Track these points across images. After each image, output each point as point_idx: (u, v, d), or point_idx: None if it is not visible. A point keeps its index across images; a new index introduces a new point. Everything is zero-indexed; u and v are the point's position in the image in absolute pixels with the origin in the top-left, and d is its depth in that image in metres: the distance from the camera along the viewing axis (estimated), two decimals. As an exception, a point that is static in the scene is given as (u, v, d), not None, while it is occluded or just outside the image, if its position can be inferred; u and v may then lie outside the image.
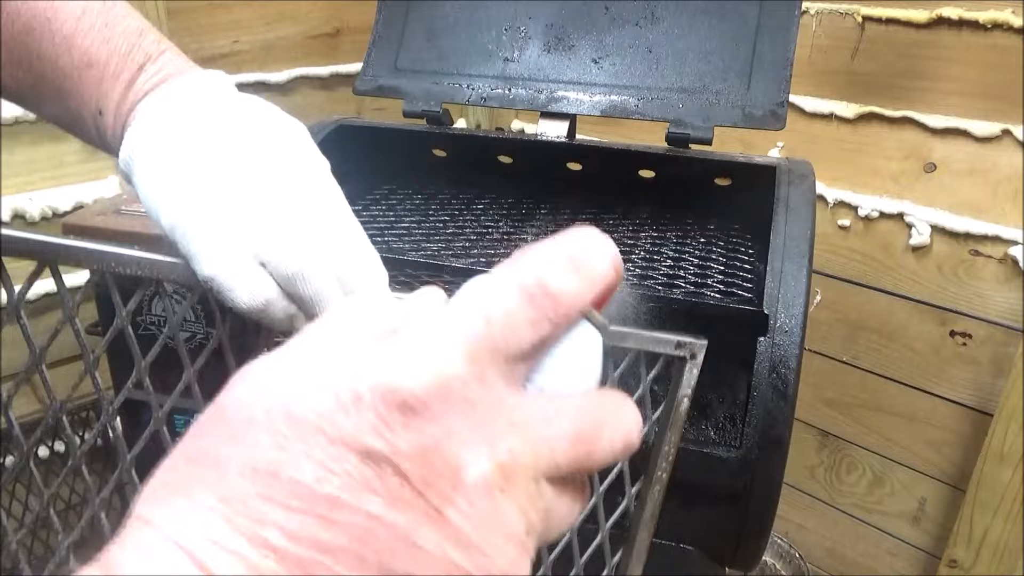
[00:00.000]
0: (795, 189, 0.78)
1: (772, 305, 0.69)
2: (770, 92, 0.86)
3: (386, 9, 1.02)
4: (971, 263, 1.26)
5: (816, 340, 1.46)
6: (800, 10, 0.88)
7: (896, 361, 1.38)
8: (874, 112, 1.29)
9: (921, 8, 1.20)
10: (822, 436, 1.53)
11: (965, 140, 1.21)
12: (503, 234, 0.93)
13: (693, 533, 0.75)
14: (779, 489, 0.69)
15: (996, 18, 1.14)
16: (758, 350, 0.68)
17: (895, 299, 1.35)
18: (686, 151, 0.88)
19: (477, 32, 0.98)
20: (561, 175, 1.08)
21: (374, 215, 0.98)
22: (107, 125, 0.44)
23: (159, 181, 0.40)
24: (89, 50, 0.43)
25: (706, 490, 0.70)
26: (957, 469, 1.36)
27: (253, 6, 1.45)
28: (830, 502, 1.56)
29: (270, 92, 1.51)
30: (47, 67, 0.44)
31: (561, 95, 0.94)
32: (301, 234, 0.38)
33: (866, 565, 1.53)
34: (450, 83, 0.98)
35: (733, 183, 0.98)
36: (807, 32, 1.32)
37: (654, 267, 0.84)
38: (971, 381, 1.30)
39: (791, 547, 1.55)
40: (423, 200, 1.05)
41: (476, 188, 1.09)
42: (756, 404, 0.67)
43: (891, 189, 1.31)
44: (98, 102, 0.44)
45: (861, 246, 1.37)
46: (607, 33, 0.94)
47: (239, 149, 0.40)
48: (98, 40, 0.43)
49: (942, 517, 1.40)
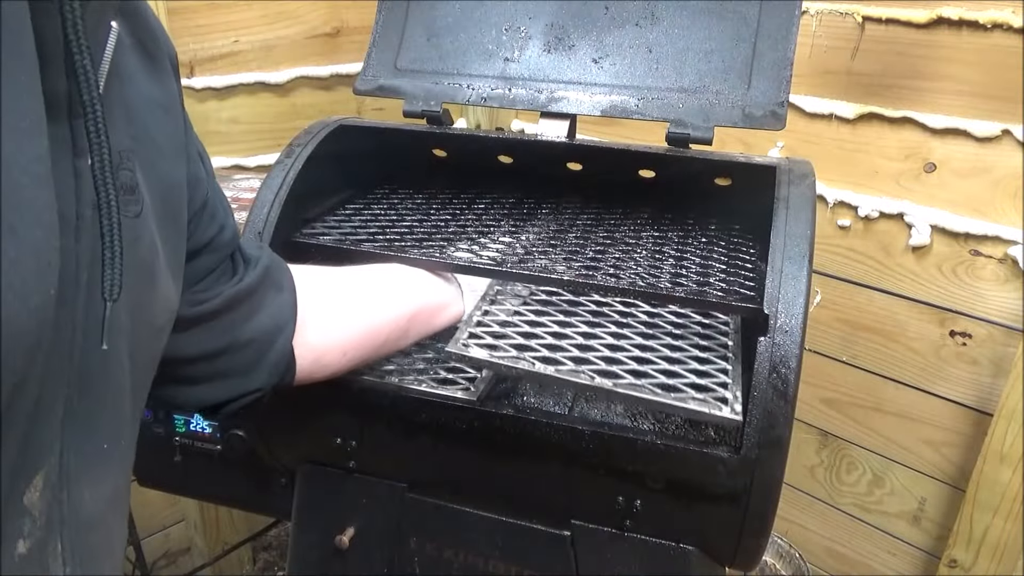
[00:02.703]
0: (795, 189, 0.78)
1: (772, 305, 0.69)
2: (770, 92, 0.86)
3: (386, 9, 1.02)
4: (971, 263, 1.26)
5: (816, 340, 1.46)
6: (800, 10, 0.87)
7: (896, 361, 1.38)
8: (874, 112, 1.29)
9: (921, 8, 1.20)
10: (822, 436, 1.53)
11: (965, 140, 1.21)
12: (504, 233, 0.93)
13: (693, 533, 0.75)
14: (779, 489, 0.69)
15: (996, 18, 1.14)
16: (758, 350, 0.68)
17: (895, 299, 1.35)
18: (686, 151, 0.88)
19: (477, 32, 0.98)
20: (561, 175, 1.08)
21: (374, 214, 0.99)
22: None
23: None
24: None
25: (706, 490, 0.70)
26: (957, 469, 1.36)
27: (253, 6, 1.45)
28: (830, 502, 1.56)
29: (270, 92, 1.51)
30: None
31: (561, 95, 0.94)
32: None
33: (866, 565, 1.53)
34: (450, 83, 0.97)
35: (733, 183, 0.98)
36: (807, 32, 1.32)
37: (656, 266, 0.84)
38: (971, 381, 1.30)
39: (791, 547, 1.55)
40: (423, 200, 1.05)
41: (476, 188, 1.09)
42: (756, 404, 0.67)
43: (891, 189, 1.31)
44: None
45: (861, 246, 1.37)
46: (607, 33, 0.94)
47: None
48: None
49: (942, 517, 1.40)
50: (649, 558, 0.76)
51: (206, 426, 1.03)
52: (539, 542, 0.80)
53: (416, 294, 0.80)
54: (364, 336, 0.75)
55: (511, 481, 0.80)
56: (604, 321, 0.81)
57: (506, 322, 0.80)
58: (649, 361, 0.72)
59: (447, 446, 0.79)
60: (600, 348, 0.74)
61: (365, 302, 0.76)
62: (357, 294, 0.76)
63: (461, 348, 0.73)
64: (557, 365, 0.71)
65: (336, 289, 0.75)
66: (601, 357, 0.73)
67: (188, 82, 1.39)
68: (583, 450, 0.72)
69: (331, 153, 0.93)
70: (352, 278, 0.78)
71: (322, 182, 0.95)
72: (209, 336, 0.60)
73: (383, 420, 0.81)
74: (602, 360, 0.72)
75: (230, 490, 1.09)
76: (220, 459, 1.04)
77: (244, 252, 0.65)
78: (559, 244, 0.90)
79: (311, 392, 0.82)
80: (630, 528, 0.76)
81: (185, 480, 1.10)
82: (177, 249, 0.52)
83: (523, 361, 0.71)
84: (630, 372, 0.70)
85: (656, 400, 0.66)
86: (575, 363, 0.71)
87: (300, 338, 0.68)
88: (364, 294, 0.77)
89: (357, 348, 0.74)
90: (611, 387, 0.68)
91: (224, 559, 1.65)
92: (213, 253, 0.61)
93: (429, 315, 0.81)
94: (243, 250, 0.65)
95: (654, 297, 0.78)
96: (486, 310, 0.82)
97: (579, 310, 0.84)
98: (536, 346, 0.74)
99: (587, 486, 0.76)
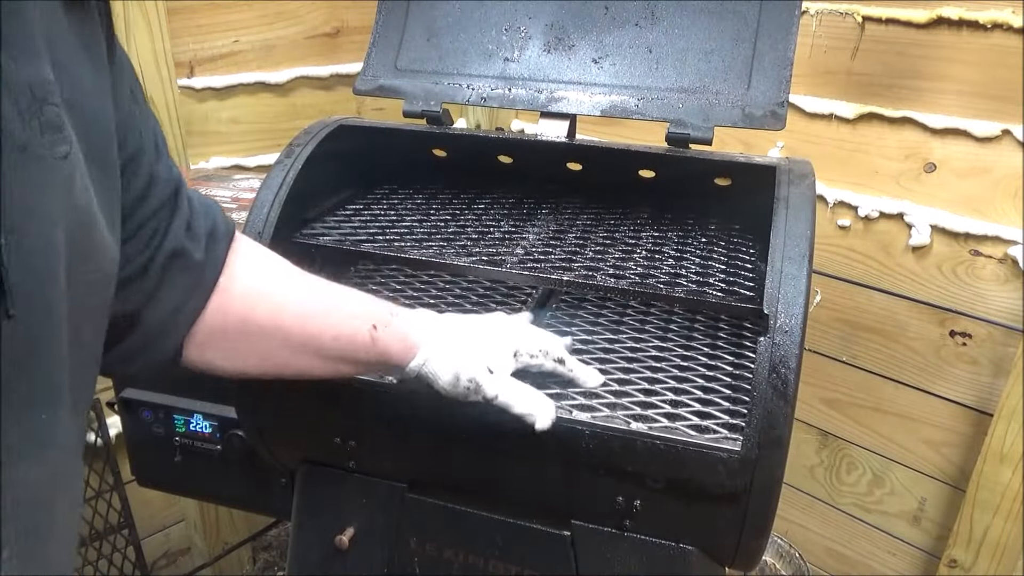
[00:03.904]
0: (795, 189, 0.78)
1: (772, 305, 0.69)
2: (770, 92, 0.86)
3: (386, 9, 1.02)
4: (971, 263, 1.26)
5: (816, 340, 1.46)
6: (800, 10, 0.87)
7: (896, 361, 1.38)
8: (874, 112, 1.29)
9: (921, 8, 1.20)
10: (822, 436, 1.53)
11: (965, 140, 1.21)
12: (504, 233, 0.93)
13: (693, 533, 0.75)
14: (779, 489, 0.69)
15: (996, 18, 1.14)
16: (758, 350, 0.68)
17: (895, 299, 1.35)
18: (686, 151, 0.88)
19: (477, 32, 0.98)
20: (561, 175, 1.08)
21: (374, 214, 0.98)
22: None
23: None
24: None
25: (706, 490, 0.70)
26: (957, 469, 1.36)
27: (253, 6, 1.45)
28: (830, 502, 1.56)
29: (270, 92, 1.51)
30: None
31: (561, 95, 0.94)
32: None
33: (866, 565, 1.53)
34: (450, 83, 0.97)
35: (733, 183, 0.98)
36: (807, 32, 1.32)
37: (656, 266, 0.84)
38: (971, 381, 1.30)
39: (791, 547, 1.55)
40: (423, 200, 1.05)
41: (476, 188, 1.09)
42: (756, 404, 0.67)
43: (891, 189, 1.31)
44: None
45: (861, 246, 1.37)
46: (607, 33, 0.94)
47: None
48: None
49: (942, 517, 1.40)
50: (649, 558, 0.76)
51: (206, 426, 1.03)
52: (539, 542, 0.80)
53: (377, 347, 0.68)
54: (270, 369, 0.67)
55: (511, 481, 0.80)
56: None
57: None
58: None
59: (447, 446, 0.79)
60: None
61: (303, 353, 0.67)
62: (299, 341, 0.66)
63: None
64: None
65: (269, 315, 0.65)
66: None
67: (188, 82, 1.39)
68: (583, 450, 0.72)
69: (331, 153, 0.93)
70: (304, 305, 0.68)
71: (322, 182, 0.95)
72: (133, 295, 0.55)
73: (383, 420, 0.81)
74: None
75: (230, 490, 1.09)
76: (220, 459, 1.04)
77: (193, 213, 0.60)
78: (559, 244, 0.90)
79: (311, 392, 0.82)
80: (630, 528, 0.76)
81: (185, 480, 1.10)
82: (111, 197, 0.48)
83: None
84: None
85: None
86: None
87: (193, 339, 0.62)
88: (308, 344, 0.67)
89: (258, 371, 0.68)
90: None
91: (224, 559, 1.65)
92: (148, 204, 0.55)
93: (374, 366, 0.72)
94: (192, 204, 0.60)
95: (654, 297, 0.78)
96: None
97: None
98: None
99: (587, 486, 0.75)
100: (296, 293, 0.68)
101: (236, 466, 1.05)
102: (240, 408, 0.89)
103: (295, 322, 0.66)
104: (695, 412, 0.73)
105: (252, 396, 0.86)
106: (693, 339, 0.87)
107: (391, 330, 0.68)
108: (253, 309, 0.64)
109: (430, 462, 0.83)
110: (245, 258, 0.65)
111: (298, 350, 0.66)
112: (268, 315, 0.65)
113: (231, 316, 0.63)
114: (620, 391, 0.77)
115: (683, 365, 0.81)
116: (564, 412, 0.72)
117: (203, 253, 0.60)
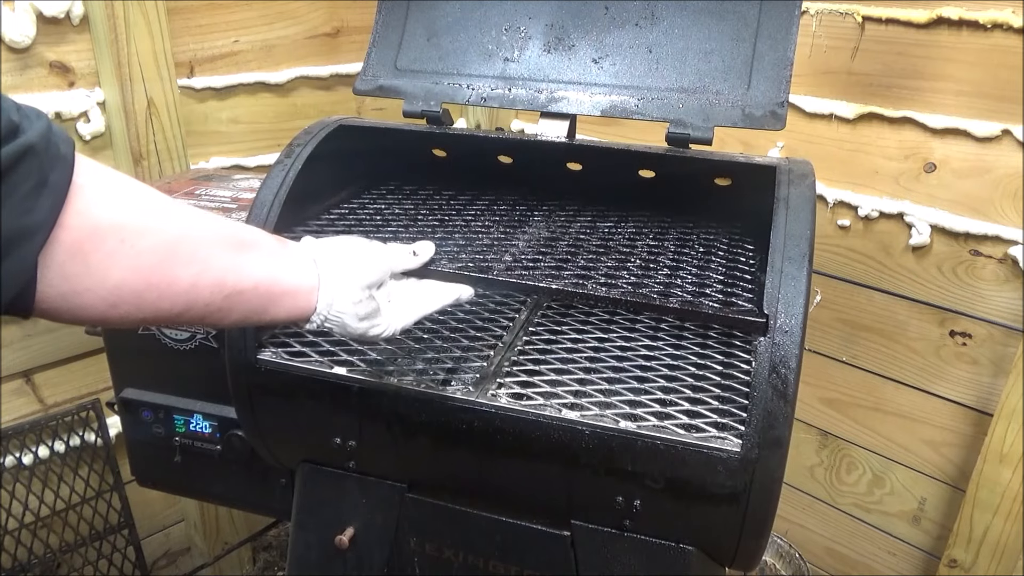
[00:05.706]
0: (795, 189, 0.78)
1: (772, 305, 0.69)
2: (770, 92, 0.86)
3: (386, 9, 1.02)
4: (971, 263, 1.26)
5: (816, 340, 1.46)
6: (800, 10, 0.87)
7: (896, 361, 1.38)
8: (874, 112, 1.29)
9: (921, 8, 1.20)
10: (822, 436, 1.53)
11: (965, 140, 1.21)
12: (504, 232, 0.93)
13: (693, 533, 0.75)
14: (779, 489, 0.69)
15: (996, 18, 1.14)
16: (758, 350, 0.68)
17: (895, 299, 1.35)
18: (686, 151, 0.88)
19: (477, 32, 0.98)
20: (561, 175, 1.08)
21: (374, 214, 0.98)
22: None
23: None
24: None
25: (706, 490, 0.70)
26: (957, 469, 1.36)
27: (253, 6, 1.45)
28: (830, 502, 1.56)
29: (270, 92, 1.51)
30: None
31: (561, 95, 0.94)
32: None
33: (866, 565, 1.53)
34: (450, 83, 0.97)
35: (733, 183, 0.98)
36: (807, 32, 1.32)
37: (649, 275, 0.84)
38: (971, 381, 1.30)
39: (791, 547, 1.55)
40: (423, 199, 1.05)
41: (476, 188, 1.09)
42: (756, 404, 0.67)
43: (891, 189, 1.31)
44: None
45: (861, 246, 1.37)
46: (607, 33, 0.94)
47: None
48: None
49: (942, 517, 1.40)
50: (649, 558, 0.76)
51: (206, 426, 1.03)
52: (539, 542, 0.80)
53: (254, 266, 0.61)
54: (152, 297, 0.55)
55: (511, 481, 0.80)
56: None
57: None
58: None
59: (447, 446, 0.79)
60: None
61: (171, 253, 0.55)
62: (164, 238, 0.55)
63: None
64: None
65: (134, 215, 0.54)
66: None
67: (188, 82, 1.39)
68: (583, 450, 0.72)
69: (331, 153, 0.93)
70: (166, 210, 0.56)
71: (322, 182, 0.95)
72: None
73: (383, 420, 0.81)
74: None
75: (230, 490, 1.09)
76: (220, 459, 1.04)
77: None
78: (549, 252, 0.90)
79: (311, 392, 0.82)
80: (630, 528, 0.76)
81: (185, 480, 1.10)
82: None
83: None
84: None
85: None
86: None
87: (54, 258, 0.49)
88: (175, 242, 0.56)
89: (135, 306, 0.54)
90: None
91: (224, 559, 1.65)
92: None
93: (265, 299, 0.62)
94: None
95: (646, 308, 0.76)
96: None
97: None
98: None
99: (587, 486, 0.75)
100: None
101: (236, 466, 1.05)
102: (240, 408, 0.89)
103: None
104: (685, 411, 0.73)
105: (252, 396, 0.86)
106: (683, 339, 0.87)
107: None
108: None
109: (430, 462, 0.83)
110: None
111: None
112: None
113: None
114: (609, 390, 0.76)
115: (673, 364, 0.81)
116: (555, 411, 0.73)
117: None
